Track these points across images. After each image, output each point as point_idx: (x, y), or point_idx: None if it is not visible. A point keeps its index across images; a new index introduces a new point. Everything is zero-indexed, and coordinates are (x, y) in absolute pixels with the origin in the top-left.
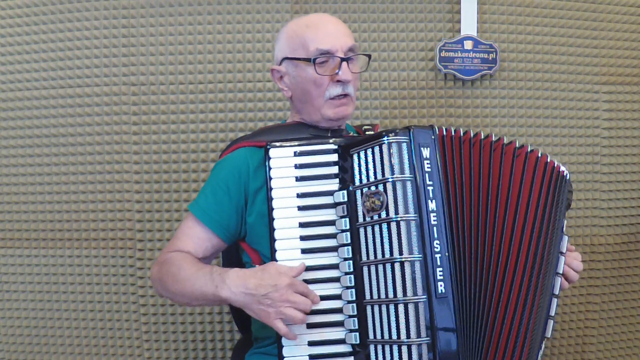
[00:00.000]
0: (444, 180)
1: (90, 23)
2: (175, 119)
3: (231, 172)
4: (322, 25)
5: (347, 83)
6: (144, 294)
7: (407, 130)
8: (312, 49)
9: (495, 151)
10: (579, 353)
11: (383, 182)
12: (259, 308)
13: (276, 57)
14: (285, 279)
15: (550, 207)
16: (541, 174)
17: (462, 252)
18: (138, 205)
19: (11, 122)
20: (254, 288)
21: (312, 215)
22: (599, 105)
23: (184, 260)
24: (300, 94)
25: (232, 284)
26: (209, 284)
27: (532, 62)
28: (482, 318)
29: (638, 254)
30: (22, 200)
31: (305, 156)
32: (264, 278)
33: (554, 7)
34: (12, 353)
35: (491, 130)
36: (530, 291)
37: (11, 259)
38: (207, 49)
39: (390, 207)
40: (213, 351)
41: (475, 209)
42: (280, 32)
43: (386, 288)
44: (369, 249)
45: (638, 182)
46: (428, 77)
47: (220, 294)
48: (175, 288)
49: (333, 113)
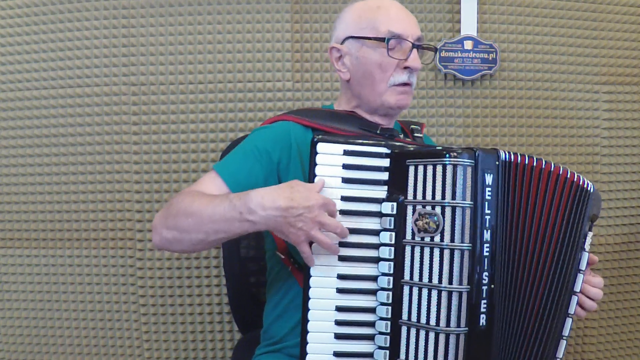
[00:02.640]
0: (502, 209)
1: (90, 23)
2: (175, 119)
3: (269, 143)
4: (393, 9)
5: (414, 71)
6: (144, 294)
7: (472, 152)
8: (383, 30)
9: (551, 180)
10: (578, 353)
11: (441, 205)
12: (290, 230)
13: (337, 36)
14: (319, 199)
15: (572, 226)
16: (568, 193)
17: (506, 283)
18: (138, 205)
19: (11, 122)
20: (285, 208)
21: (354, 221)
22: (599, 105)
23: (196, 194)
24: (362, 77)
25: (259, 206)
26: (230, 210)
27: (532, 62)
28: (513, 348)
29: (638, 254)
30: (22, 200)
31: (355, 157)
32: (295, 198)
33: (554, 7)
34: (12, 353)
35: (491, 130)
36: (547, 312)
37: (11, 259)
38: (207, 49)
39: (446, 232)
40: (213, 351)
41: (522, 240)
42: (344, 12)
43: (428, 313)
44: (414, 269)
45: (638, 182)
46: (428, 77)
47: (247, 218)
48: (188, 222)
49: (395, 100)
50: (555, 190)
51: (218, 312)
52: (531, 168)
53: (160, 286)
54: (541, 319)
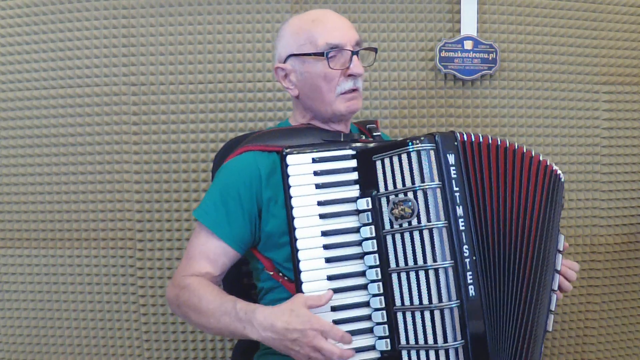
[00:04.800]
0: (467, 185)
1: (90, 23)
2: (175, 119)
3: (241, 179)
4: (328, 20)
5: (358, 77)
6: (144, 294)
7: (432, 137)
8: (321, 44)
9: (508, 155)
10: (579, 353)
11: (412, 190)
12: (289, 352)
13: (279, 55)
14: (315, 324)
15: (550, 207)
16: (542, 176)
17: (485, 254)
18: (138, 205)
19: (11, 122)
20: (282, 331)
21: (335, 223)
22: (599, 105)
23: (204, 290)
24: (309, 91)
25: (260, 326)
26: (235, 322)
27: (532, 62)
28: (505, 317)
29: (638, 254)
30: (22, 200)
31: (324, 162)
32: (292, 322)
33: (554, 7)
34: (12, 353)
35: (491, 130)
36: (536, 287)
37: (11, 259)
38: (207, 49)
39: (422, 214)
40: (213, 351)
41: (492, 212)
42: (282, 30)
43: (420, 295)
44: (399, 256)
45: (638, 182)
46: (428, 77)
47: (248, 334)
48: (200, 321)
49: (345, 107)
50: (530, 170)
51: None
52: (487, 145)
53: (160, 286)
54: (532, 291)
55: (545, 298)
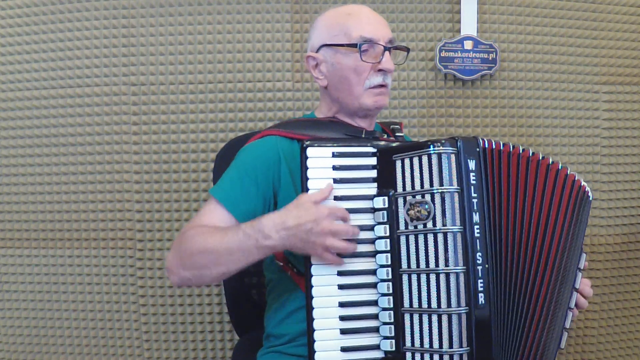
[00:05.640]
0: (486, 192)
1: (90, 23)
2: (175, 119)
3: (260, 160)
4: (364, 14)
5: (388, 73)
6: (144, 294)
7: (454, 141)
8: (355, 36)
9: (530, 165)
10: (579, 353)
11: (430, 192)
12: (306, 245)
13: (312, 45)
14: (324, 210)
15: (574, 225)
16: (568, 190)
17: (499, 263)
18: (138, 205)
19: (11, 122)
20: (294, 227)
21: (349, 219)
22: (599, 105)
23: (206, 230)
24: (338, 82)
25: (271, 231)
26: (245, 240)
27: (532, 62)
28: (513, 328)
29: (638, 254)
30: (22, 200)
31: (344, 158)
32: (301, 215)
33: (554, 7)
34: (12, 353)
35: (491, 130)
36: (552, 304)
37: (11, 259)
38: (207, 49)
39: (437, 217)
40: (213, 351)
41: (511, 221)
42: (317, 21)
43: (429, 298)
44: (411, 257)
45: (638, 182)
46: (428, 77)
47: (264, 244)
48: (206, 259)
49: (372, 102)
50: (555, 184)
51: (218, 312)
52: (508, 154)
53: (160, 286)
54: (547, 308)
55: (561, 315)
